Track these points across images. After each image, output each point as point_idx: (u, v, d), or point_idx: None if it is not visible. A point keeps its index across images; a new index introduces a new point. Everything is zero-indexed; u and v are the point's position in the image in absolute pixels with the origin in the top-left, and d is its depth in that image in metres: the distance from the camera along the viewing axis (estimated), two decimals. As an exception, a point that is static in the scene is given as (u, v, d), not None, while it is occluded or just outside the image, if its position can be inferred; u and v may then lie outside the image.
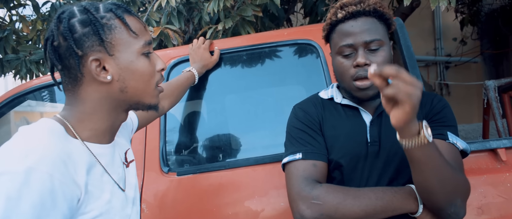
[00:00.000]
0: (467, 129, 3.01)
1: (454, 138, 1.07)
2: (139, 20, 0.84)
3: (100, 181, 0.78)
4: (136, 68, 0.80)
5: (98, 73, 0.78)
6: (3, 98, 1.71)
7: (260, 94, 1.64)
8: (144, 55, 0.82)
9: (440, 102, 1.14)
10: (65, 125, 0.78)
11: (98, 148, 0.81)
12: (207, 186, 1.42)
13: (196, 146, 1.61)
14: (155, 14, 2.12)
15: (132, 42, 0.80)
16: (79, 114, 0.80)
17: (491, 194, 1.27)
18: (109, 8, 0.80)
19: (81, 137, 0.79)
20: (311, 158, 1.06)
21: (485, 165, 1.33)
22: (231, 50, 1.61)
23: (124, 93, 0.81)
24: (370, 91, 1.05)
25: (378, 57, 1.04)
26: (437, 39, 5.58)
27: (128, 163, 0.93)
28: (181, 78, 1.46)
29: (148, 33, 0.85)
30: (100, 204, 0.76)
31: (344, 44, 1.05)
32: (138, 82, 0.81)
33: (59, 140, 0.73)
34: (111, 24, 0.78)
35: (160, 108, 1.31)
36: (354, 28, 1.04)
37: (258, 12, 1.89)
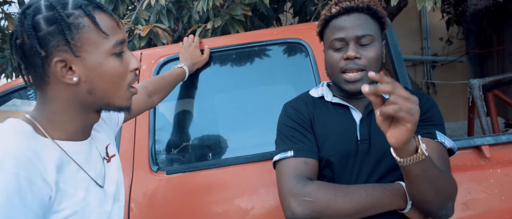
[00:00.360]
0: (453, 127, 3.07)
1: (442, 136, 1.09)
2: (112, 17, 0.79)
3: (74, 179, 0.76)
4: (105, 69, 0.77)
5: (63, 75, 0.74)
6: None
7: (249, 93, 1.65)
8: (115, 55, 0.78)
9: (428, 101, 1.16)
10: (34, 124, 0.76)
11: (71, 146, 0.79)
12: (197, 185, 1.42)
13: (185, 144, 1.61)
14: (144, 13, 2.11)
15: (102, 42, 0.76)
16: (47, 114, 0.78)
17: (475, 190, 1.30)
18: (79, 4, 0.75)
19: (52, 136, 0.77)
20: (302, 156, 1.07)
21: (469, 161, 1.36)
22: (221, 49, 1.61)
23: (92, 95, 0.78)
24: (359, 84, 1.06)
25: (369, 52, 1.06)
26: (424, 39, 5.66)
27: (109, 157, 0.91)
28: (173, 73, 1.45)
29: (121, 31, 0.80)
30: (74, 202, 0.74)
31: (335, 38, 1.07)
32: (107, 84, 0.78)
33: (25, 138, 0.71)
34: (78, 22, 0.74)
35: (150, 105, 1.31)
36: (347, 22, 1.06)
37: (247, 11, 1.90)
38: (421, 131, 1.08)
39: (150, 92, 1.29)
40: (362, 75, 1.05)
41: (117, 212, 0.88)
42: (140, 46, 1.97)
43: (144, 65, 1.62)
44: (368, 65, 1.06)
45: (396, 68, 1.50)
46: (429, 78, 5.64)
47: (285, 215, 1.02)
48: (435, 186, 0.92)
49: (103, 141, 0.93)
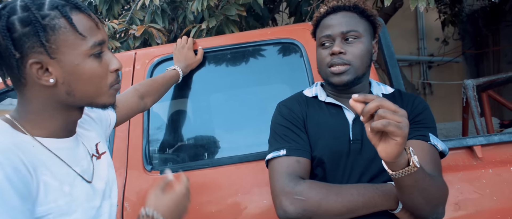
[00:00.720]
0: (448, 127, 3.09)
1: (434, 139, 1.10)
2: (90, 17, 0.77)
3: (58, 173, 0.76)
4: (83, 71, 0.75)
5: (39, 77, 0.74)
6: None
7: (243, 93, 1.65)
8: (94, 56, 0.76)
9: (421, 103, 1.17)
10: (12, 123, 0.76)
11: (54, 142, 0.79)
12: (191, 184, 1.42)
13: (179, 144, 1.61)
14: (139, 13, 2.11)
15: (79, 43, 0.74)
16: (27, 114, 0.78)
17: (467, 190, 1.31)
18: (55, 5, 0.73)
19: (32, 133, 0.76)
20: (294, 155, 1.07)
21: (461, 162, 1.36)
22: (215, 49, 1.61)
23: (71, 96, 0.77)
24: (345, 76, 1.09)
25: (354, 48, 1.09)
26: (420, 39, 5.69)
27: (99, 155, 0.91)
28: (166, 76, 1.45)
29: (100, 31, 0.79)
30: (59, 195, 0.75)
31: (323, 35, 1.12)
32: (86, 86, 0.77)
33: (4, 134, 0.72)
34: (54, 24, 0.72)
35: (143, 106, 1.31)
36: (333, 20, 1.11)
37: (242, 12, 1.90)
38: (414, 133, 1.08)
39: (142, 94, 1.30)
40: (347, 68, 1.08)
41: (107, 208, 0.88)
42: (135, 46, 1.97)
43: (138, 65, 1.62)
44: (353, 60, 1.09)
45: (389, 68, 1.50)
46: (425, 78, 5.66)
47: (277, 214, 1.02)
48: (427, 194, 0.92)
49: (92, 138, 0.93)
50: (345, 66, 1.08)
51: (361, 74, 1.11)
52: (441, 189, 0.98)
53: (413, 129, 1.10)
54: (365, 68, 1.12)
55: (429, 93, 5.66)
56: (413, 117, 1.13)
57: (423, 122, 1.12)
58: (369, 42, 1.12)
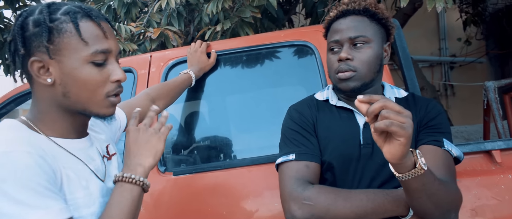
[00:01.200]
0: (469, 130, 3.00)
1: (449, 145, 1.07)
2: (99, 26, 0.80)
3: (75, 168, 0.80)
4: (79, 75, 0.78)
5: (38, 75, 0.78)
6: (10, 95, 1.74)
7: (256, 95, 1.65)
8: (94, 63, 0.79)
9: (435, 108, 1.14)
10: (28, 124, 0.80)
11: (67, 143, 0.82)
12: (203, 186, 1.44)
13: (193, 146, 1.63)
14: (156, 16, 2.14)
15: (80, 48, 0.77)
16: (37, 114, 0.82)
17: (485, 196, 1.27)
18: (68, 11, 0.78)
19: (46, 134, 0.80)
20: (304, 159, 1.07)
21: (479, 166, 1.33)
22: (228, 51, 1.62)
23: (67, 98, 0.80)
24: (351, 82, 1.07)
25: (361, 54, 1.07)
26: (442, 39, 5.55)
27: (109, 156, 0.94)
28: (178, 80, 1.47)
29: (108, 41, 0.81)
30: (78, 188, 0.79)
31: (331, 40, 1.10)
32: (80, 90, 0.79)
33: (24, 132, 0.76)
34: (61, 27, 0.77)
35: None
36: (342, 25, 1.09)
37: (256, 14, 1.91)
38: (428, 138, 1.07)
39: (153, 98, 1.32)
40: (353, 75, 1.07)
41: None
42: (151, 48, 2.01)
43: (153, 67, 1.65)
44: (359, 67, 1.06)
45: (404, 70, 1.48)
46: (447, 79, 5.52)
47: (286, 218, 1.02)
48: (436, 199, 0.91)
49: (103, 141, 0.97)
50: (351, 72, 1.06)
51: (369, 80, 1.09)
52: (452, 194, 0.96)
53: (427, 134, 1.08)
54: (373, 74, 1.09)
55: (451, 94, 5.52)
56: (426, 122, 1.11)
57: (437, 127, 1.10)
58: (379, 47, 1.10)
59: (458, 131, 2.93)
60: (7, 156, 0.69)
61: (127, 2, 2.21)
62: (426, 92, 3.70)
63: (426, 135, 1.08)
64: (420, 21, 4.92)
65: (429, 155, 1.03)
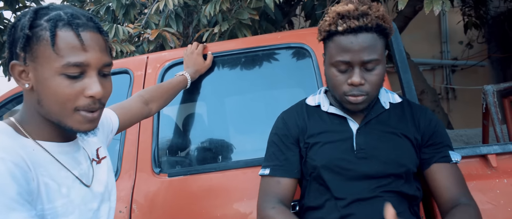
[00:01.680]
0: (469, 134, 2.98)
1: (453, 155, 1.11)
2: (79, 37, 0.76)
3: (57, 176, 0.79)
4: (49, 86, 0.76)
5: (18, 79, 0.79)
6: (9, 94, 1.74)
7: (251, 97, 1.65)
8: (66, 76, 0.76)
9: (434, 119, 1.16)
10: (15, 126, 0.80)
11: (53, 146, 0.82)
12: (197, 188, 1.44)
13: (188, 148, 1.63)
14: (155, 17, 2.15)
15: (53, 59, 0.75)
16: (25, 116, 0.82)
17: (480, 201, 1.25)
18: (51, 18, 0.76)
19: (33, 137, 0.80)
20: (277, 175, 1.13)
21: (475, 171, 1.31)
22: (225, 53, 1.62)
23: (41, 106, 0.79)
24: (361, 105, 1.05)
25: (373, 76, 1.03)
26: (443, 42, 5.53)
27: (99, 159, 0.94)
28: (173, 81, 1.47)
29: (86, 54, 0.77)
30: (57, 197, 0.77)
31: (341, 60, 1.01)
32: (50, 101, 0.78)
33: (6, 136, 0.75)
34: (39, 35, 0.76)
35: (147, 112, 1.32)
36: (353, 45, 0.99)
37: (254, 16, 1.91)
38: (436, 156, 1.10)
39: (146, 100, 1.31)
40: (364, 99, 1.04)
41: (106, 211, 0.91)
42: (149, 50, 2.01)
43: (150, 69, 1.65)
44: (371, 90, 1.04)
45: (401, 74, 1.47)
46: (448, 83, 5.50)
47: None
48: None
49: (94, 143, 0.96)
50: (363, 97, 1.03)
51: (376, 95, 1.09)
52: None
53: (435, 151, 1.11)
54: (379, 90, 1.08)
55: (452, 98, 5.49)
56: (430, 135, 1.12)
57: (441, 140, 1.13)
58: (385, 61, 1.06)
59: (458, 134, 2.92)
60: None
61: (126, 3, 2.22)
62: (427, 96, 3.68)
63: (434, 152, 1.11)
64: (422, 24, 4.90)
65: (442, 173, 1.09)
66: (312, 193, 1.14)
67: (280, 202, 1.11)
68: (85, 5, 2.80)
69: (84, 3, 2.85)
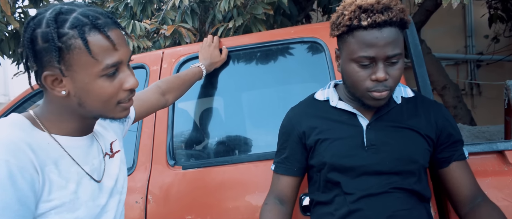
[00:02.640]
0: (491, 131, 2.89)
1: (465, 150, 1.14)
2: (108, 38, 0.78)
3: (67, 172, 0.80)
4: (92, 89, 0.78)
5: (53, 87, 0.79)
6: (24, 95, 1.82)
7: (264, 92, 1.66)
8: (106, 76, 0.79)
9: (448, 115, 1.15)
10: (33, 119, 0.81)
11: (68, 141, 0.83)
12: (211, 180, 1.46)
13: (201, 141, 1.66)
14: (171, 13, 2.18)
15: (91, 65, 0.77)
16: (47, 113, 0.83)
17: (495, 197, 1.22)
18: (76, 24, 0.76)
19: (50, 131, 0.81)
20: (278, 172, 1.19)
21: (491, 167, 1.29)
22: (239, 48, 1.64)
23: (82, 107, 0.81)
24: (383, 101, 1.05)
25: (395, 71, 1.01)
26: (468, 37, 5.36)
27: (113, 153, 0.96)
28: (188, 73, 1.49)
29: (118, 52, 0.79)
30: (64, 193, 0.78)
31: (364, 56, 0.98)
32: (94, 101, 0.80)
33: (20, 130, 0.76)
34: (70, 44, 0.75)
35: (163, 103, 1.35)
36: (379, 40, 0.96)
37: (269, 10, 1.91)
38: (456, 154, 1.12)
39: (163, 91, 1.34)
40: (388, 94, 1.03)
41: (115, 205, 0.92)
42: (165, 45, 2.05)
43: (165, 64, 1.68)
44: (393, 85, 1.02)
45: (416, 68, 1.44)
46: (473, 78, 5.34)
47: None
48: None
49: (108, 137, 0.98)
50: (387, 92, 1.02)
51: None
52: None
53: (452, 149, 1.11)
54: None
55: (477, 94, 5.33)
56: (447, 134, 1.12)
57: (457, 139, 1.13)
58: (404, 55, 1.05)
59: (480, 131, 2.84)
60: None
61: (142, 1, 2.27)
62: (448, 91, 3.59)
63: (453, 151, 1.12)
64: (445, 18, 4.77)
65: (460, 172, 1.11)
66: (322, 188, 1.13)
67: (276, 199, 1.17)
68: (106, 2, 2.87)
69: (104, 1, 2.93)
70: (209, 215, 1.41)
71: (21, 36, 0.79)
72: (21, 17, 2.90)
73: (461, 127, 2.94)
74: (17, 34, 2.86)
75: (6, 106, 1.83)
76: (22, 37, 0.78)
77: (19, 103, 1.81)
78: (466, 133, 2.80)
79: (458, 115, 3.57)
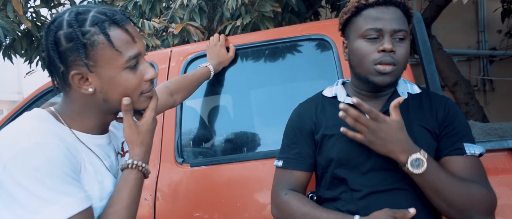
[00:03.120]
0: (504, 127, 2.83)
1: (471, 147, 1.06)
2: (127, 31, 0.83)
3: (94, 163, 0.85)
4: (118, 82, 0.83)
5: (80, 86, 0.82)
6: (37, 93, 1.85)
7: (272, 89, 1.66)
8: (129, 68, 0.83)
9: (453, 108, 1.12)
10: (56, 116, 0.85)
11: (88, 138, 0.87)
12: (218, 178, 1.47)
13: (209, 139, 1.67)
14: (180, 11, 2.19)
15: (115, 58, 0.81)
16: (69, 112, 0.87)
17: (506, 195, 1.22)
18: (96, 21, 0.80)
19: (70, 127, 0.85)
20: (289, 167, 1.16)
21: (501, 164, 1.27)
22: (246, 46, 1.64)
23: (108, 103, 0.85)
24: (389, 77, 1.04)
25: (402, 49, 1.04)
26: (481, 32, 5.26)
27: (124, 153, 0.99)
28: (197, 73, 1.50)
29: (136, 45, 0.84)
30: (94, 182, 0.83)
31: (372, 28, 1.03)
32: (120, 95, 0.84)
33: (48, 122, 0.81)
34: (94, 40, 0.79)
35: (171, 103, 1.36)
36: (385, 14, 1.03)
37: (276, 8, 1.91)
38: (449, 148, 1.06)
39: (171, 91, 1.35)
40: (393, 69, 1.03)
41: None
42: (174, 43, 2.06)
43: (173, 62, 1.70)
44: (400, 61, 1.03)
45: (425, 65, 1.43)
46: (485, 74, 5.25)
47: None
48: (444, 196, 0.93)
49: (120, 138, 1.02)
50: (393, 66, 1.02)
51: (400, 76, 1.08)
52: (466, 194, 0.95)
53: (448, 142, 1.07)
54: (405, 67, 1.08)
55: (490, 90, 5.24)
56: (447, 125, 1.09)
57: (457, 131, 1.08)
58: (409, 43, 1.08)
59: (492, 128, 2.78)
60: (40, 147, 0.74)
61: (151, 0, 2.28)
62: (460, 87, 3.54)
63: (447, 144, 1.07)
64: (457, 13, 4.69)
65: (453, 165, 1.05)
66: (328, 185, 1.14)
67: (293, 190, 1.14)
68: (116, 1, 2.90)
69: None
70: (217, 212, 1.42)
71: (43, 41, 0.82)
72: (33, 17, 2.95)
73: (473, 124, 2.89)
74: (29, 33, 2.91)
75: (20, 104, 1.87)
76: (45, 42, 0.82)
77: (32, 101, 1.84)
78: (477, 130, 2.75)
79: (470, 112, 3.52)
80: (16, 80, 11.02)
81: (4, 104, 11.31)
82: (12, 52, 2.99)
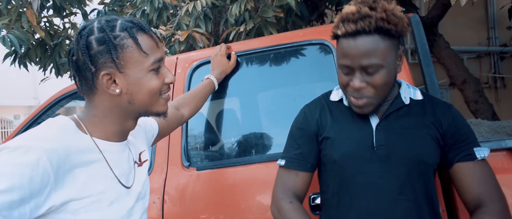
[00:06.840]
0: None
1: (480, 151, 1.09)
2: (152, 37, 0.91)
3: (98, 174, 0.88)
4: (144, 84, 0.89)
5: (108, 86, 0.88)
6: (52, 99, 1.93)
7: (274, 94, 1.70)
8: (154, 71, 0.90)
9: (457, 115, 1.14)
10: (78, 122, 0.90)
11: (105, 145, 0.91)
12: (224, 181, 1.52)
13: (215, 142, 1.71)
14: (186, 18, 2.25)
15: (142, 60, 0.88)
16: (92, 118, 0.92)
17: (505, 195, 1.23)
18: (125, 27, 0.88)
19: (92, 134, 0.90)
20: (292, 167, 1.17)
21: (500, 164, 1.28)
22: (248, 52, 1.68)
23: (132, 105, 0.91)
24: (365, 108, 1.07)
25: (375, 80, 1.02)
26: (491, 28, 5.20)
27: (141, 162, 1.03)
28: (199, 86, 1.55)
29: (159, 50, 0.92)
30: (91, 192, 0.85)
31: (342, 64, 1.04)
32: (144, 96, 0.90)
33: (65, 132, 0.84)
34: (123, 43, 0.86)
35: (180, 117, 1.40)
36: (352, 49, 0.99)
37: (279, 13, 1.95)
38: (460, 155, 1.09)
39: (176, 106, 1.40)
40: (366, 102, 1.05)
41: (140, 208, 1.00)
42: (180, 50, 2.12)
43: (179, 69, 1.75)
44: (375, 93, 1.04)
45: (423, 67, 1.45)
46: (496, 71, 5.18)
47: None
48: None
49: (138, 147, 1.06)
50: (364, 100, 1.04)
51: (384, 97, 1.09)
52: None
53: (457, 149, 1.10)
54: (388, 89, 1.08)
55: (501, 87, 5.17)
56: (452, 134, 1.11)
57: (465, 137, 1.11)
58: (393, 62, 1.04)
59: (501, 126, 2.76)
60: (24, 150, 0.74)
61: (159, 7, 2.35)
62: (468, 86, 3.51)
63: (457, 151, 1.10)
64: (466, 10, 4.64)
65: (464, 173, 1.09)
66: (331, 188, 1.15)
67: (296, 197, 1.15)
68: (125, 8, 2.98)
69: (123, 6, 3.04)
70: (223, 214, 1.47)
71: (73, 46, 0.89)
72: (47, 26, 3.05)
73: (481, 122, 2.87)
74: (43, 42, 3.01)
75: (37, 109, 1.95)
76: (75, 46, 0.88)
77: (48, 107, 1.92)
78: (485, 128, 2.74)
79: (479, 110, 3.49)
80: (32, 86, 11.30)
81: (21, 110, 11.64)
82: (27, 60, 3.10)
